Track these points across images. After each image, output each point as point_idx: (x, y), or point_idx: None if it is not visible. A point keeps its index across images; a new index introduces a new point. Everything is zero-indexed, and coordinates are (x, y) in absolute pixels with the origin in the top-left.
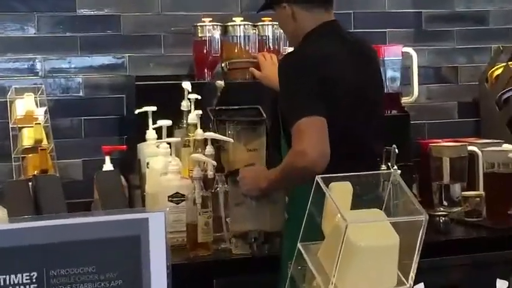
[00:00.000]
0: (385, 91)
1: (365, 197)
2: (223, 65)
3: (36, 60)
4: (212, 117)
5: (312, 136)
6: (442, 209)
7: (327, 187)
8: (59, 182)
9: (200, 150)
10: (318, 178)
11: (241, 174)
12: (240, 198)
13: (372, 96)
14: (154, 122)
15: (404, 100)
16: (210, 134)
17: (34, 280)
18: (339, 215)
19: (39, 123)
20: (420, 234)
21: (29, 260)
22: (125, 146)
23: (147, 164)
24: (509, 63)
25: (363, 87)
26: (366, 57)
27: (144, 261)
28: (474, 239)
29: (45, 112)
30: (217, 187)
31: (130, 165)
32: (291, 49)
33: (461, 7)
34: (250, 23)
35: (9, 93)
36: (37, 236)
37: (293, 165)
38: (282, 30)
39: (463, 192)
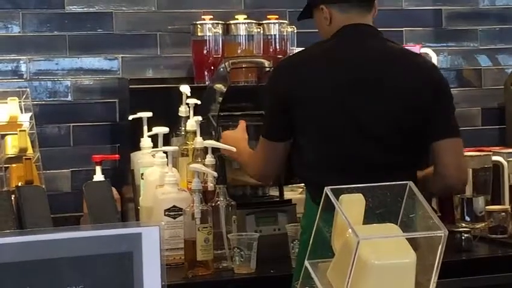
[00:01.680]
0: None
1: (379, 211)
2: (226, 64)
3: (21, 62)
4: (215, 124)
5: (259, 157)
6: (464, 224)
7: (337, 199)
8: (44, 194)
9: (200, 160)
10: (327, 190)
11: (223, 139)
12: None
13: (367, 108)
14: (149, 129)
15: None
16: (211, 142)
17: None
18: (350, 230)
19: (24, 130)
20: (439, 252)
21: (11, 279)
22: (117, 155)
23: (142, 174)
24: None
25: (353, 95)
26: (389, 65)
27: (137, 280)
28: (499, 258)
29: (31, 118)
30: (218, 200)
31: (123, 176)
32: (300, 50)
33: (486, 4)
34: (254, 21)
35: None
36: (20, 252)
37: (245, 169)
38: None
39: (487, 207)
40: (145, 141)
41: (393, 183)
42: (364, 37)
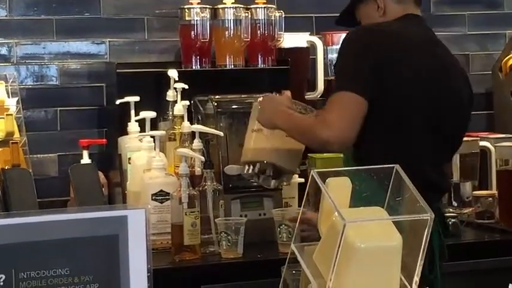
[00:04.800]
0: None
1: (365, 194)
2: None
3: (8, 46)
4: (201, 108)
5: (342, 112)
6: (451, 209)
7: (324, 182)
8: (30, 177)
9: (187, 145)
10: (314, 173)
11: (262, 103)
12: (258, 125)
13: (444, 108)
14: (137, 114)
15: None
16: (198, 127)
17: (2, 283)
18: (336, 214)
19: (11, 115)
20: (425, 235)
21: None
22: (104, 140)
23: (129, 159)
24: None
25: (433, 84)
26: (445, 64)
27: (123, 263)
28: (486, 243)
29: (18, 102)
30: (205, 184)
31: (110, 160)
32: (288, 34)
33: None
34: (242, 6)
35: None
36: (5, 235)
37: (313, 129)
38: None
39: (474, 192)
40: (133, 126)
41: (379, 166)
42: (426, 28)
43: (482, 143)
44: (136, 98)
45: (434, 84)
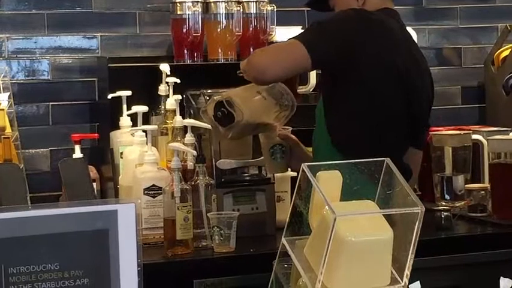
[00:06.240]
0: None
1: (356, 187)
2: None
3: None
4: (193, 102)
5: (281, 51)
6: (444, 203)
7: (314, 176)
8: (20, 172)
9: (179, 139)
10: (304, 166)
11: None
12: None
13: (415, 98)
14: (129, 108)
15: None
16: (190, 121)
17: None
18: (326, 207)
19: (3, 109)
20: (415, 228)
21: None
22: (96, 134)
23: (121, 153)
24: None
25: (406, 72)
26: (417, 56)
27: (113, 257)
28: (478, 236)
29: (9, 97)
30: (197, 179)
31: (102, 155)
32: (280, 28)
33: None
34: (233, 0)
35: None
36: None
37: (254, 52)
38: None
39: (466, 185)
40: (125, 120)
41: (370, 159)
42: (402, 23)
43: (474, 137)
44: (128, 93)
45: (408, 76)
